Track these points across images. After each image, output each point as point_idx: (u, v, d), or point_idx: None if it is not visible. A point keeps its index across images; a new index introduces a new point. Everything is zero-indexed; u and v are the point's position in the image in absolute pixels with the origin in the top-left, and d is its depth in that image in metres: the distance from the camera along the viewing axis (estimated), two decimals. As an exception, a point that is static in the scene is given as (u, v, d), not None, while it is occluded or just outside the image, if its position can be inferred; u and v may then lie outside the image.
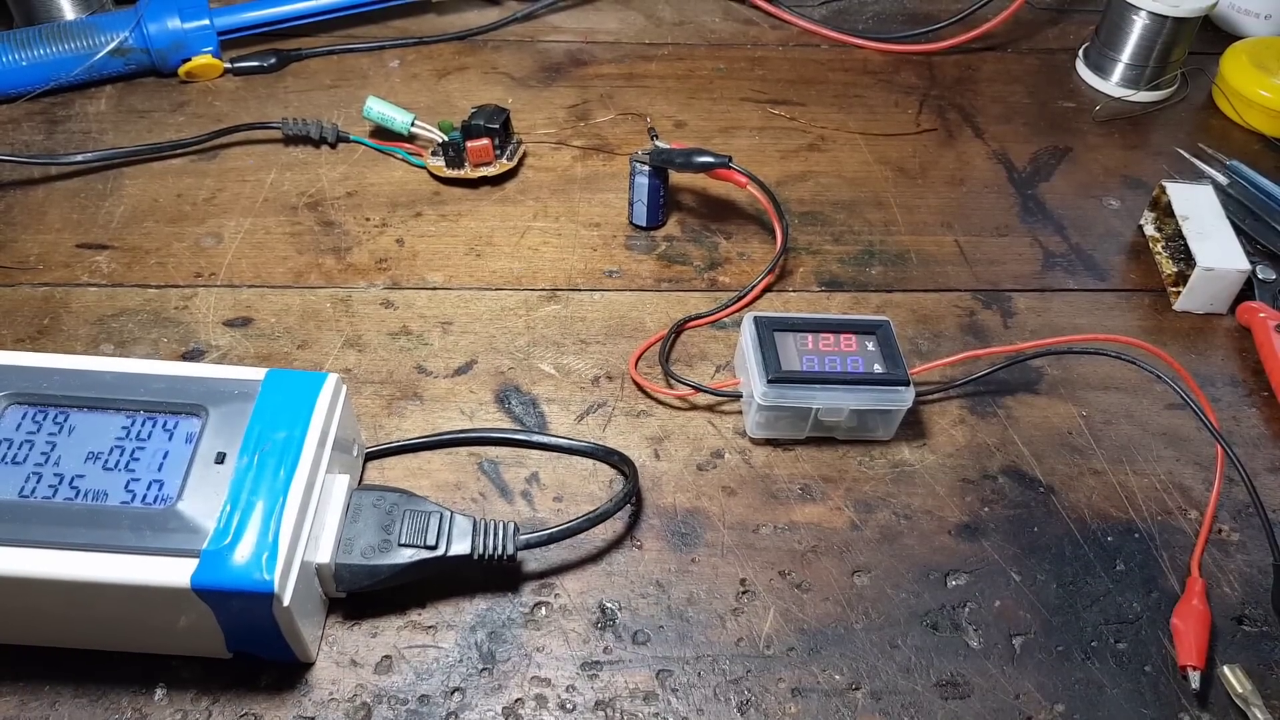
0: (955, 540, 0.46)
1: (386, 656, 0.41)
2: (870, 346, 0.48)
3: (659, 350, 0.52)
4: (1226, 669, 0.41)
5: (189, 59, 0.69)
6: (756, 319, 0.49)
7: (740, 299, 0.56)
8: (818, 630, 0.42)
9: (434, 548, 0.40)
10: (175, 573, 0.35)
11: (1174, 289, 0.58)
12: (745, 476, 0.48)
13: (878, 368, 0.47)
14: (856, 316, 0.50)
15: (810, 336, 0.49)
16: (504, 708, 0.39)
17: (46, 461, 0.38)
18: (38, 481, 0.37)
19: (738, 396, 0.50)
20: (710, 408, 0.51)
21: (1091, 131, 0.70)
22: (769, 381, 0.46)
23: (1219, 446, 0.48)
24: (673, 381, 0.51)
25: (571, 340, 0.54)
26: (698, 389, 0.50)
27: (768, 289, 0.57)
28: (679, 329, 0.54)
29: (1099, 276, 0.59)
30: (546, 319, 0.55)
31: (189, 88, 0.70)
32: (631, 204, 0.60)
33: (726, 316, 0.55)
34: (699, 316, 0.55)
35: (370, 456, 0.47)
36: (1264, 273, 0.57)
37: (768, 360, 0.47)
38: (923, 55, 0.77)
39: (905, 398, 0.47)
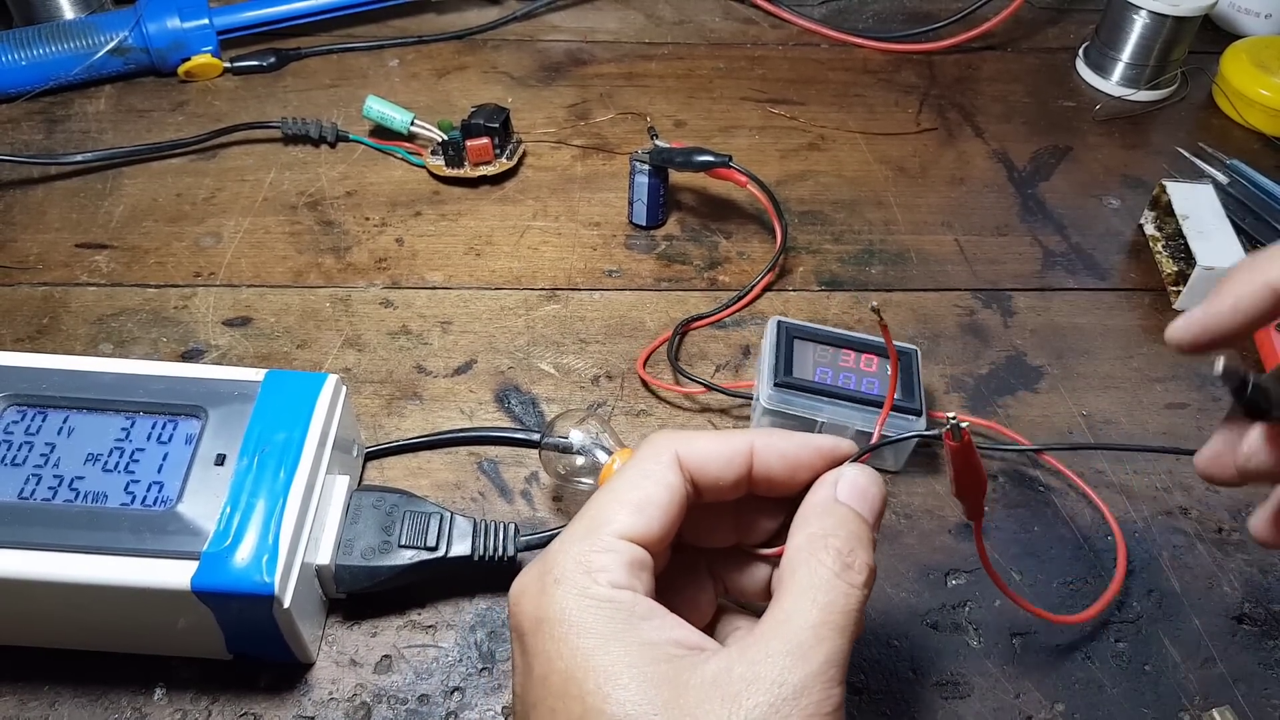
0: (955, 540, 0.46)
1: (386, 656, 0.41)
2: (890, 372, 0.47)
3: (666, 350, 0.52)
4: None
5: (188, 58, 0.69)
6: (780, 323, 0.48)
7: (741, 298, 0.56)
8: (818, 630, 0.42)
9: (434, 549, 0.40)
10: (175, 575, 0.35)
11: (1174, 288, 0.58)
12: (745, 476, 0.48)
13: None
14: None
15: (831, 350, 0.47)
16: (503, 707, 0.39)
17: (46, 463, 0.38)
18: (37, 483, 0.37)
19: (749, 398, 0.50)
20: (716, 409, 0.50)
21: (1092, 131, 0.70)
22: (775, 385, 0.46)
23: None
24: (682, 380, 0.51)
25: (571, 340, 0.54)
26: (709, 387, 0.50)
27: (768, 288, 0.57)
28: (683, 329, 0.54)
29: (1099, 276, 0.59)
30: (546, 318, 0.55)
31: (188, 87, 0.70)
32: (631, 203, 0.60)
33: (728, 316, 0.55)
34: (702, 316, 0.55)
35: (370, 456, 0.47)
36: (1264, 272, 0.56)
37: (779, 364, 0.46)
38: (923, 54, 0.77)
39: (914, 427, 0.45)
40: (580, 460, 0.43)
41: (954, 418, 0.32)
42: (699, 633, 0.29)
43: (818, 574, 0.29)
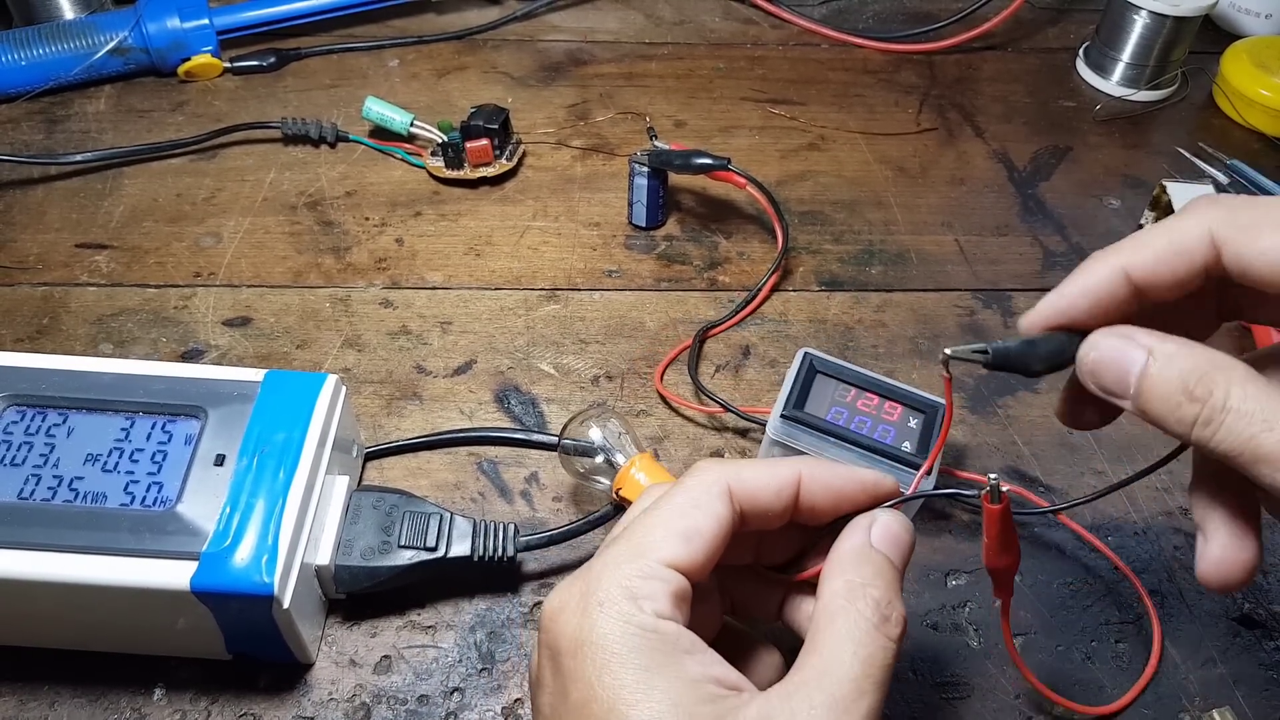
0: (955, 540, 0.46)
1: (386, 657, 0.41)
2: (912, 424, 0.44)
3: (688, 365, 0.52)
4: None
5: (188, 58, 0.69)
6: (808, 355, 0.46)
7: (750, 301, 0.55)
8: (817, 631, 0.42)
9: (434, 549, 0.40)
10: (175, 575, 0.35)
11: (1174, 288, 0.58)
12: (745, 477, 0.47)
13: (907, 446, 0.43)
14: (917, 391, 0.45)
15: (853, 391, 0.45)
16: (503, 708, 0.39)
17: (45, 463, 0.38)
18: (37, 483, 0.37)
19: (764, 424, 0.47)
20: (728, 427, 0.50)
21: (1092, 131, 0.70)
22: (781, 416, 0.44)
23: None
24: (705, 399, 0.50)
25: (571, 340, 0.54)
26: (726, 408, 0.49)
27: (774, 289, 0.57)
28: (703, 338, 0.54)
29: (1099, 276, 0.59)
30: (546, 319, 0.55)
31: (188, 87, 0.70)
32: (631, 204, 0.60)
33: (742, 319, 0.55)
34: (717, 324, 0.54)
35: (370, 456, 0.47)
36: (1264, 272, 0.56)
37: (792, 396, 0.44)
38: (923, 54, 0.77)
39: (914, 482, 0.41)
40: (600, 459, 0.43)
41: (995, 479, 0.31)
42: (736, 671, 0.29)
43: (858, 626, 0.29)
